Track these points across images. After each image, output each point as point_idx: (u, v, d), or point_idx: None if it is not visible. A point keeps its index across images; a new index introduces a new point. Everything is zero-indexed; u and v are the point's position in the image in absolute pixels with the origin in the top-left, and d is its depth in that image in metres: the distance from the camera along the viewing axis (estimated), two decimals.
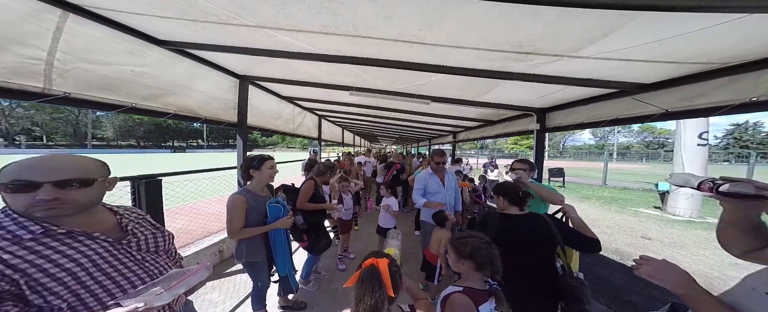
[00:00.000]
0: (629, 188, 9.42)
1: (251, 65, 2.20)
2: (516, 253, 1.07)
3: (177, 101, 1.93)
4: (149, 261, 0.72)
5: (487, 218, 1.24)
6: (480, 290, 0.85)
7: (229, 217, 1.33)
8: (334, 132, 7.23)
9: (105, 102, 1.44)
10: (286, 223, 1.49)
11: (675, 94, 1.50)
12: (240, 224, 1.34)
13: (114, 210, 0.73)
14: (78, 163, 0.61)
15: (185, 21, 1.30)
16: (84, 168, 0.61)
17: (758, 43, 1.03)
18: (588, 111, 2.10)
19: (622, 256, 3.19)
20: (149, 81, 1.66)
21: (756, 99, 1.18)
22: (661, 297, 2.16)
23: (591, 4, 0.84)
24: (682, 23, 0.93)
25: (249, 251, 1.45)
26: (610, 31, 1.02)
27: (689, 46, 1.09)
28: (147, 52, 1.60)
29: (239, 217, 1.34)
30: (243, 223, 1.35)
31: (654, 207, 6.20)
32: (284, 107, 3.70)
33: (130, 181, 1.90)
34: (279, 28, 1.28)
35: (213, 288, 2.27)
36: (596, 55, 1.23)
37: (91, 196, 0.62)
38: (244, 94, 2.58)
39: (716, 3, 0.76)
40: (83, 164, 0.62)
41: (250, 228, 1.38)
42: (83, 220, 0.62)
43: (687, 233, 4.29)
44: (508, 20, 1.01)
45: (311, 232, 1.98)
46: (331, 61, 1.68)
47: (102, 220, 0.68)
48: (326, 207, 2.11)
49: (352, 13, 1.08)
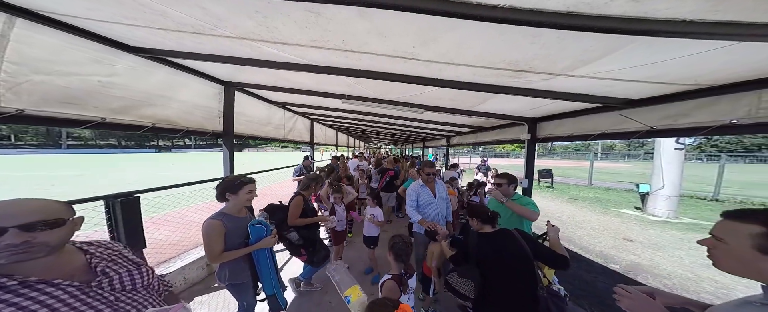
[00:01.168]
0: (613, 188, 9.82)
1: (237, 72, 2.08)
2: (495, 269, 1.13)
3: (155, 113, 1.79)
4: (125, 301, 0.66)
5: (467, 236, 1.29)
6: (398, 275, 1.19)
7: (206, 243, 1.25)
8: (328, 134, 7.09)
9: (68, 118, 1.30)
10: (271, 242, 1.43)
11: (659, 112, 1.53)
12: (219, 249, 1.26)
13: (83, 249, 0.68)
14: (41, 205, 0.59)
15: (157, 29, 1.19)
16: (48, 209, 0.59)
17: (744, 67, 1.05)
18: (578, 123, 2.13)
19: (606, 259, 3.28)
20: (121, 92, 1.52)
21: (736, 121, 1.21)
22: None
23: (591, 28, 0.83)
24: (676, 47, 0.93)
25: (232, 273, 1.38)
26: (606, 53, 1.01)
27: (680, 69, 1.11)
28: (117, 60, 1.46)
29: (217, 242, 1.26)
30: (222, 248, 1.27)
31: (635, 208, 6.47)
32: (274, 113, 3.57)
33: (104, 200, 1.76)
34: (263, 40, 1.20)
35: (201, 304, 2.16)
36: (590, 74, 1.23)
37: (61, 237, 0.60)
38: (229, 101, 2.45)
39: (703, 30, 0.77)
40: (46, 205, 0.59)
41: (231, 251, 1.30)
42: (47, 265, 0.58)
43: (664, 234, 4.51)
44: (506, 40, 0.98)
45: (308, 246, 1.94)
46: (321, 72, 1.60)
47: (69, 261, 0.63)
48: (318, 220, 2.05)
49: (342, 29, 1.02)
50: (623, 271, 2.97)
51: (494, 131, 3.56)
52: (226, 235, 1.28)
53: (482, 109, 2.46)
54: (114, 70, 1.46)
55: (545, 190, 9.36)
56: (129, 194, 1.90)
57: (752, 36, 0.76)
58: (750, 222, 0.53)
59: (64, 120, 1.30)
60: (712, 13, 0.73)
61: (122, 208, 1.81)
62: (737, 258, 0.54)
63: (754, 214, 0.54)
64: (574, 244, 3.82)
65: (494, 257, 1.16)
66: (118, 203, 1.80)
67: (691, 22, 0.77)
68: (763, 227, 0.51)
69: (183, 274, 2.36)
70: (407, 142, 11.17)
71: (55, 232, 0.57)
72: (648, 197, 6.06)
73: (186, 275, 2.38)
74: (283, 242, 1.90)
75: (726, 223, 0.57)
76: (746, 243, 0.52)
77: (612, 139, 2.13)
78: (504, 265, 1.13)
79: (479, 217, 1.30)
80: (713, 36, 0.79)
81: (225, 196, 1.33)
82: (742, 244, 0.53)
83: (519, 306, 1.10)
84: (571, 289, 2.11)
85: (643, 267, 3.06)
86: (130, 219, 1.86)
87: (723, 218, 0.58)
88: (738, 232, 0.54)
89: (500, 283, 1.13)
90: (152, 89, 1.73)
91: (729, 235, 0.55)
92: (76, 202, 1.60)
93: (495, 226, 1.28)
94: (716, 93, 1.24)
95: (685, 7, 0.71)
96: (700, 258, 3.40)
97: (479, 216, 1.30)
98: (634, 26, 0.80)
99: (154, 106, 1.78)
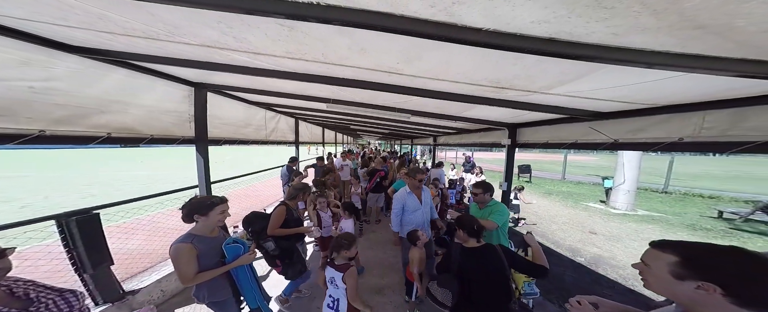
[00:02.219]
0: (582, 182, 10.65)
1: (207, 74, 1.90)
2: (474, 283, 1.19)
3: (110, 121, 1.58)
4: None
5: (451, 251, 1.32)
6: None
7: (177, 267, 1.15)
8: (314, 132, 6.86)
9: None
10: (249, 259, 1.37)
11: (623, 126, 1.64)
12: (191, 271, 1.18)
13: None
14: None
15: (99, 32, 1.02)
16: None
17: (694, 92, 1.14)
18: (553, 131, 2.24)
19: (573, 253, 3.56)
20: (63, 99, 1.31)
21: (686, 139, 1.32)
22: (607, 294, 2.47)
23: (569, 55, 0.84)
24: (638, 74, 0.99)
25: (211, 292, 1.30)
26: (580, 76, 1.05)
27: (641, 92, 1.19)
28: (54, 61, 1.24)
29: (188, 265, 1.17)
30: (195, 270, 1.19)
31: (600, 201, 7.08)
32: (254, 113, 3.35)
33: (55, 220, 1.55)
34: (231, 48, 1.08)
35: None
36: (565, 93, 1.27)
37: None
38: (201, 103, 2.24)
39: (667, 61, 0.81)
40: None
41: (206, 271, 1.22)
42: None
43: (623, 226, 4.99)
44: (489, 60, 0.97)
45: (284, 257, 1.88)
46: (301, 80, 1.50)
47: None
48: (300, 231, 1.98)
49: (321, 44, 0.94)
50: (587, 263, 3.23)
51: (478, 133, 3.65)
52: (198, 258, 1.19)
53: (467, 115, 2.49)
54: (51, 73, 1.24)
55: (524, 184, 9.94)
56: (86, 211, 1.70)
57: (709, 69, 0.82)
58: (668, 252, 0.60)
59: None
60: (680, 47, 0.77)
61: (79, 227, 1.62)
62: (658, 280, 0.62)
63: (671, 246, 0.62)
64: (547, 239, 4.10)
65: (478, 271, 1.19)
66: (73, 222, 1.60)
67: (658, 53, 0.81)
68: (677, 257, 0.58)
69: (160, 286, 2.20)
70: (396, 138, 11.18)
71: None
72: (611, 191, 6.64)
73: (163, 288, 2.22)
74: (260, 251, 1.83)
75: (651, 251, 0.64)
76: (665, 269, 0.59)
77: (582, 149, 2.30)
78: (488, 279, 1.18)
79: (465, 229, 1.29)
80: (675, 67, 0.84)
81: (193, 217, 1.22)
82: (662, 270, 0.60)
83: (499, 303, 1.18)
84: (542, 284, 2.26)
85: (603, 259, 3.36)
86: (91, 237, 1.68)
87: (650, 247, 0.66)
88: (659, 259, 0.61)
89: (480, 295, 1.18)
90: (105, 95, 1.51)
91: (653, 262, 0.63)
92: (21, 224, 1.42)
93: (480, 240, 1.29)
94: (670, 111, 1.35)
95: (657, 40, 0.74)
96: None
97: (466, 228, 1.30)
98: (610, 55, 0.82)
99: (109, 114, 1.56)
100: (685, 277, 0.56)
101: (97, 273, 1.70)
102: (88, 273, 1.65)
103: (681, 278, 0.56)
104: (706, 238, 4.36)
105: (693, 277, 0.55)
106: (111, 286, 1.79)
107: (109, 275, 1.79)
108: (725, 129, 1.19)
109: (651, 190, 9.05)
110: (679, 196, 8.27)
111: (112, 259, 1.80)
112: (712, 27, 0.57)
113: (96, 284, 1.71)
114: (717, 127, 1.21)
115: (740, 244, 3.47)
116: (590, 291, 2.52)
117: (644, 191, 8.64)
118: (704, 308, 0.54)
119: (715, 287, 0.52)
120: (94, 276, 1.69)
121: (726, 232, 4.68)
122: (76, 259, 1.63)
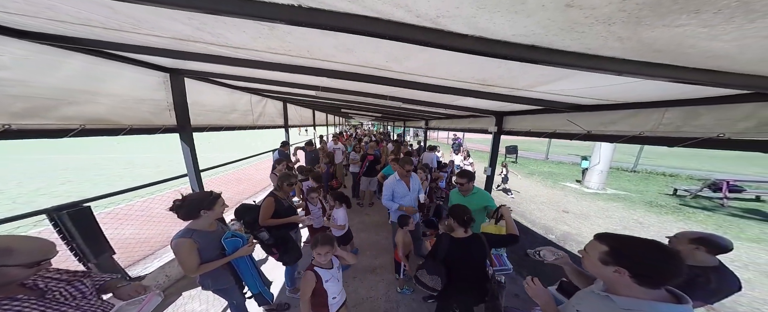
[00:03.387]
0: (563, 162, 11.32)
1: (182, 61, 1.75)
2: (462, 269, 1.34)
3: (81, 112, 1.48)
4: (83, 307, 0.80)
5: (440, 240, 1.41)
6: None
7: (180, 261, 1.23)
8: (304, 115, 6.64)
9: None
10: (248, 251, 1.46)
11: (596, 118, 1.76)
12: (194, 263, 1.26)
13: None
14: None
15: (49, 20, 0.92)
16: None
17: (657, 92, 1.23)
18: (536, 121, 2.35)
19: (546, 231, 3.96)
20: (20, 90, 1.19)
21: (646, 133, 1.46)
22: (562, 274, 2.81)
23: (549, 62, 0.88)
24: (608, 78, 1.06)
25: (214, 280, 1.41)
26: (559, 79, 1.10)
27: (613, 92, 1.27)
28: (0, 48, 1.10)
29: (190, 258, 1.24)
30: (197, 262, 1.27)
31: (576, 181, 7.62)
32: (239, 98, 3.18)
33: (46, 214, 1.54)
34: (207, 42, 1.02)
35: (192, 298, 2.19)
36: (546, 90, 1.33)
37: None
38: (179, 90, 2.10)
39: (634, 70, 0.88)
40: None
41: (208, 263, 1.31)
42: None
43: (592, 204, 5.48)
44: (475, 62, 0.99)
45: (280, 245, 1.97)
46: (286, 71, 1.44)
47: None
48: (292, 221, 2.03)
49: (305, 43, 0.91)
50: (557, 240, 3.62)
51: (467, 119, 3.72)
52: (199, 251, 1.27)
53: (456, 104, 2.52)
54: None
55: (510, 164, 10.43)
56: (75, 204, 1.69)
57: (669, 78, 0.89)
58: (602, 243, 0.75)
59: None
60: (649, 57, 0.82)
61: (73, 220, 1.63)
62: (591, 264, 0.77)
63: (605, 238, 0.77)
64: (525, 219, 4.46)
65: (463, 259, 1.33)
66: (65, 216, 1.60)
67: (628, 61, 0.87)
68: (606, 247, 0.74)
69: (164, 272, 2.31)
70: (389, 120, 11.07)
71: None
72: (587, 172, 7.14)
73: (168, 273, 2.34)
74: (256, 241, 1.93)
75: (592, 242, 0.80)
76: (596, 256, 0.75)
77: (560, 138, 2.46)
78: (471, 266, 1.35)
79: (456, 219, 1.35)
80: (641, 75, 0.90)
81: (199, 213, 1.27)
82: (594, 256, 0.76)
83: (475, 294, 1.37)
84: (516, 259, 2.54)
85: (571, 236, 3.77)
86: (86, 229, 1.70)
87: (593, 238, 0.81)
88: (595, 247, 0.77)
89: (463, 278, 1.35)
90: (66, 84, 1.38)
91: (591, 250, 0.78)
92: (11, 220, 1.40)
93: (468, 231, 1.37)
94: (636, 107, 1.48)
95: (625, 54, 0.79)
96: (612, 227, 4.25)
97: (456, 217, 1.36)
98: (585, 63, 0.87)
99: (77, 105, 1.45)
100: (609, 263, 0.71)
101: (100, 262, 1.76)
102: (91, 263, 1.71)
103: (606, 263, 0.72)
104: (660, 214, 4.89)
105: (613, 263, 0.70)
106: (117, 273, 1.88)
107: (113, 263, 1.86)
108: (679, 125, 1.32)
109: (622, 169, 9.80)
110: (645, 174, 9.00)
111: (112, 248, 1.85)
112: (667, 52, 0.63)
113: (102, 272, 1.78)
114: (673, 123, 1.35)
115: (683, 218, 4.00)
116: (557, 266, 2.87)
117: (616, 170, 9.33)
118: (618, 286, 0.71)
119: (625, 270, 0.67)
120: (98, 265, 1.75)
121: (675, 208, 5.26)
122: (77, 250, 1.67)
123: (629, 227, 4.25)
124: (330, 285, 1.27)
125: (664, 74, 0.86)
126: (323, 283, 1.24)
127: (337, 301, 1.34)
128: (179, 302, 2.16)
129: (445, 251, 1.34)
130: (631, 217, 4.73)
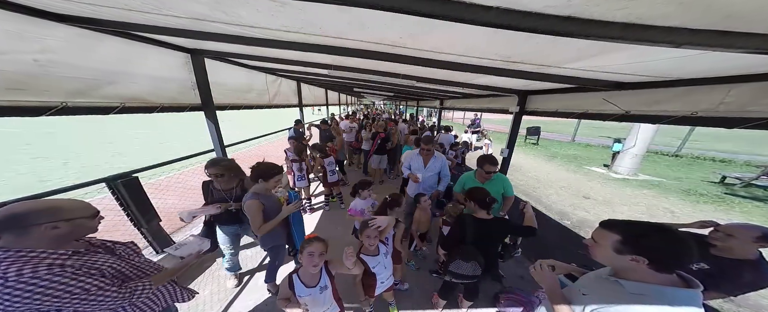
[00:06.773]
0: (592, 144, 10.40)
1: (202, 42, 1.78)
2: (483, 248, 1.37)
3: (121, 91, 1.62)
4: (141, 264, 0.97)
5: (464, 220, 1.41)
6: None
7: (251, 219, 1.49)
8: (317, 94, 6.62)
9: (18, 105, 1.15)
10: (292, 209, 1.68)
11: (638, 97, 1.55)
12: (260, 220, 1.52)
13: None
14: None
15: (80, 3, 0.96)
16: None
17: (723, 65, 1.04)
18: (564, 101, 2.13)
19: (561, 216, 3.80)
20: (69, 71, 1.31)
21: (700, 113, 1.28)
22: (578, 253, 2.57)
23: (589, 35, 0.77)
24: (657, 51, 0.90)
25: (273, 238, 1.74)
26: (598, 53, 0.96)
27: (661, 67, 1.09)
28: (45, 32, 1.18)
29: (258, 216, 1.50)
30: (262, 220, 1.53)
31: (603, 165, 6.99)
32: (255, 77, 3.23)
33: (105, 183, 1.82)
34: (223, 22, 1.02)
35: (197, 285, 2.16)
36: (581, 67, 1.18)
37: None
38: (200, 70, 2.18)
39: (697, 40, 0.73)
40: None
41: (270, 222, 1.56)
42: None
43: (618, 191, 5.07)
44: (499, 37, 0.90)
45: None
46: (299, 49, 1.42)
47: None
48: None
49: (318, 19, 0.88)
50: (572, 226, 3.45)
51: (486, 99, 3.47)
52: (264, 212, 1.52)
53: (475, 83, 2.34)
54: (45, 45, 1.20)
55: (530, 147, 9.86)
56: (126, 175, 1.96)
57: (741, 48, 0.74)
58: (612, 231, 0.73)
59: (14, 108, 1.15)
60: (714, 24, 0.69)
61: (126, 188, 1.92)
62: (603, 254, 0.75)
63: (616, 225, 0.73)
64: (541, 203, 4.29)
65: (486, 238, 1.36)
66: (119, 185, 1.88)
67: (686, 30, 0.73)
68: (619, 236, 0.71)
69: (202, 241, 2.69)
70: (401, 99, 10.68)
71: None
72: (618, 155, 6.49)
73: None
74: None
75: (600, 230, 0.77)
76: (608, 245, 0.72)
77: (591, 119, 2.23)
78: (488, 249, 1.38)
79: (477, 201, 1.35)
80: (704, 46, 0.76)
81: (258, 180, 1.54)
82: (606, 246, 0.73)
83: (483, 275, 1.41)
84: (525, 243, 2.52)
85: (588, 222, 3.58)
86: (137, 198, 2.00)
87: (599, 226, 0.78)
88: (605, 237, 0.74)
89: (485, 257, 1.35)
90: (104, 65, 1.49)
91: (600, 239, 0.76)
92: (78, 187, 1.69)
93: (490, 213, 1.37)
94: (691, 84, 1.26)
95: (687, 16, 0.66)
96: (635, 213, 4.02)
97: (477, 200, 1.36)
98: (633, 34, 0.75)
99: (117, 84, 1.59)
100: (624, 252, 0.70)
101: (150, 227, 2.10)
102: (144, 227, 2.05)
103: (620, 252, 0.71)
104: (696, 203, 4.46)
105: (629, 252, 0.69)
106: (164, 238, 2.22)
107: (160, 229, 2.20)
108: (744, 104, 1.13)
109: (662, 153, 8.82)
110: (690, 159, 8.03)
111: (158, 216, 2.17)
112: (739, 17, 0.52)
113: (153, 236, 2.13)
114: (737, 102, 1.15)
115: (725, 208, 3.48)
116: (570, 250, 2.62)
117: (654, 155, 8.44)
118: (633, 273, 0.71)
119: (644, 259, 0.66)
120: (149, 230, 2.09)
121: (717, 197, 4.72)
122: (133, 215, 1.99)
123: (656, 216, 3.97)
124: (378, 270, 1.37)
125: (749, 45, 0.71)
126: (370, 268, 1.33)
127: (384, 285, 1.45)
128: (213, 267, 2.46)
129: (473, 232, 1.33)
130: (660, 206, 4.38)
